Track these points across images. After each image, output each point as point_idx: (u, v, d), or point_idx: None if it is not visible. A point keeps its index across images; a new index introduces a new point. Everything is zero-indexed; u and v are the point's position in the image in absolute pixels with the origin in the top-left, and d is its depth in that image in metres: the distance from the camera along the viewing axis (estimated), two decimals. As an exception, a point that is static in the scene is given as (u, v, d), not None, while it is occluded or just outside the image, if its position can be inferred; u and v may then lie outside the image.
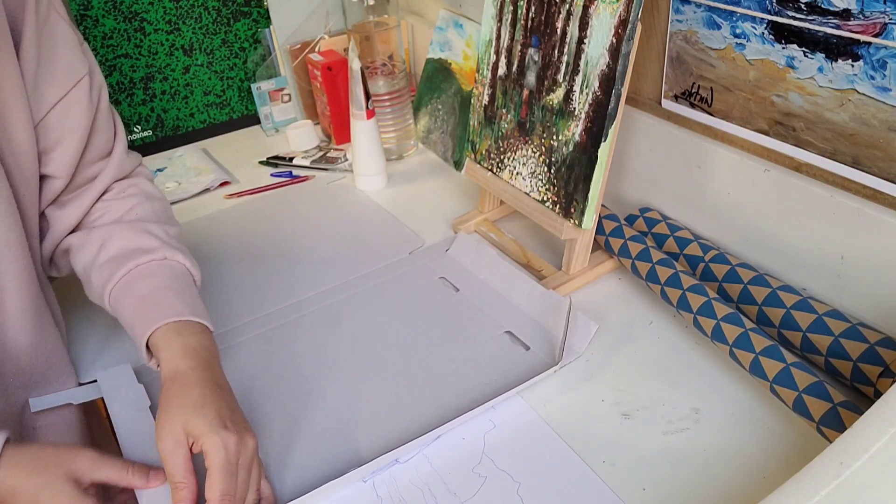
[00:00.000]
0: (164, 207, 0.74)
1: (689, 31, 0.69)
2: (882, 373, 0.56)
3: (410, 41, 1.22)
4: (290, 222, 0.97)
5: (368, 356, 0.71)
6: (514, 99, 0.79)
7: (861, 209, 0.59)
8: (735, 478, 0.55)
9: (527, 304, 0.74)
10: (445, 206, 0.96)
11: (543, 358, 0.69)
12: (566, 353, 0.67)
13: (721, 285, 0.68)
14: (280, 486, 0.59)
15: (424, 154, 1.11)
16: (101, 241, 0.67)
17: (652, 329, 0.71)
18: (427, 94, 1.10)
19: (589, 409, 0.63)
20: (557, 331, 0.70)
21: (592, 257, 0.78)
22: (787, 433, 0.58)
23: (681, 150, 0.75)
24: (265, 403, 0.67)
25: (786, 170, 0.65)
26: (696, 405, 0.62)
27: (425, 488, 0.57)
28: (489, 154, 0.85)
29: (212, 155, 1.19)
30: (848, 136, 0.59)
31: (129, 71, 1.14)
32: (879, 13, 0.53)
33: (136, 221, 0.69)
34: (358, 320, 0.77)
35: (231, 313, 0.79)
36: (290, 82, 1.21)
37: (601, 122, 0.69)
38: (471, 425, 0.62)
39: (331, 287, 0.82)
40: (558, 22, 0.72)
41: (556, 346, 0.69)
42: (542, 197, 0.77)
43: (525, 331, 0.72)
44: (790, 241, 0.67)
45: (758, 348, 0.59)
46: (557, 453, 0.59)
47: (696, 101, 0.72)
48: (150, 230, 0.68)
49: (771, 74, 0.63)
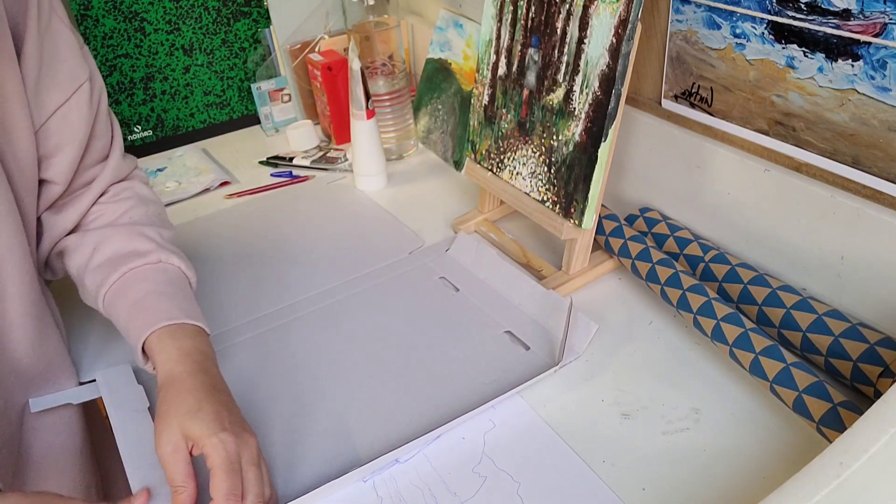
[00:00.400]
0: (158, 210, 0.74)
1: (689, 31, 0.69)
2: (882, 373, 0.56)
3: (410, 41, 1.22)
4: (290, 222, 0.97)
5: (368, 356, 0.71)
6: (514, 99, 0.79)
7: (861, 209, 0.59)
8: (735, 478, 0.55)
9: (527, 303, 0.74)
10: (445, 206, 0.96)
11: (543, 358, 0.69)
12: (566, 354, 0.67)
13: (721, 285, 0.68)
14: (280, 485, 0.59)
15: (424, 154, 1.11)
16: (95, 245, 0.67)
17: (652, 329, 0.71)
18: (427, 94, 1.10)
19: (589, 409, 0.63)
20: (557, 331, 0.70)
21: (592, 257, 0.78)
22: (787, 433, 0.58)
23: (681, 150, 0.75)
24: (265, 403, 0.67)
25: (786, 170, 0.65)
26: (696, 405, 0.62)
27: (425, 488, 0.57)
28: (489, 154, 0.85)
29: (212, 155, 1.19)
30: (848, 136, 0.59)
31: (129, 71, 1.14)
32: (879, 13, 0.53)
33: (131, 224, 0.69)
34: (357, 320, 0.77)
35: (231, 313, 0.79)
36: (290, 82, 1.21)
37: (601, 122, 0.69)
38: (471, 426, 0.62)
39: (330, 287, 0.82)
40: (558, 22, 0.72)
41: (556, 346, 0.69)
42: (542, 197, 0.77)
43: (525, 331, 0.72)
44: (790, 241, 0.67)
45: (758, 348, 0.59)
46: (557, 453, 0.59)
47: (696, 101, 0.72)
48: (145, 233, 0.68)
49: (771, 74, 0.63)
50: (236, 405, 0.59)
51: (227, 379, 0.61)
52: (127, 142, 1.18)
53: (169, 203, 1.04)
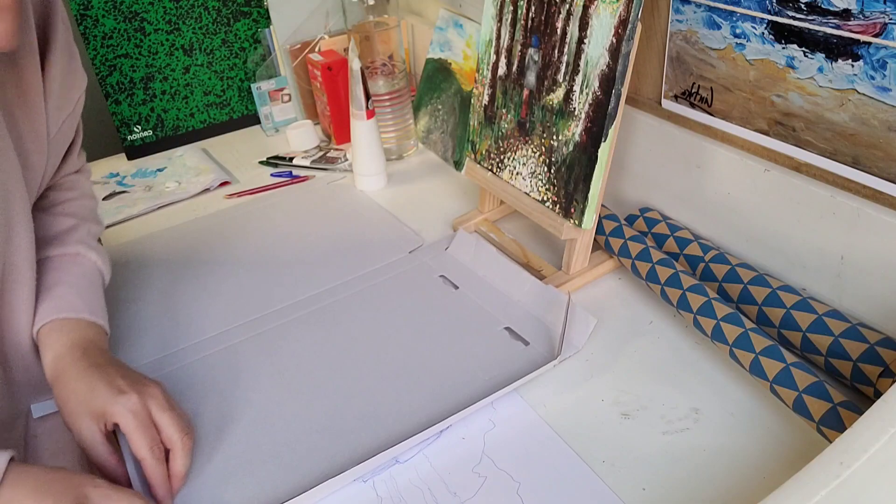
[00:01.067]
0: (92, 206, 0.76)
1: (689, 31, 0.69)
2: (882, 373, 0.56)
3: (410, 41, 1.22)
4: (290, 222, 0.97)
5: (367, 354, 0.71)
6: (514, 99, 0.79)
7: (861, 209, 0.59)
8: (735, 478, 0.55)
9: (526, 299, 0.75)
10: (445, 206, 0.96)
11: (543, 353, 0.69)
12: (565, 348, 0.67)
13: (721, 285, 0.68)
14: (279, 485, 0.59)
15: (424, 154, 1.11)
16: None
17: (652, 329, 0.71)
18: (427, 94, 1.10)
19: (589, 409, 0.63)
20: (556, 326, 0.70)
21: (592, 257, 0.79)
22: (787, 433, 0.58)
23: (681, 150, 0.75)
24: (265, 402, 0.67)
25: (786, 170, 0.65)
26: (695, 405, 0.62)
27: (425, 488, 0.57)
28: (489, 154, 0.85)
29: (212, 155, 1.19)
30: (848, 136, 0.59)
31: (129, 71, 1.14)
32: (879, 13, 0.53)
33: (64, 215, 0.70)
34: (357, 319, 0.77)
35: (231, 313, 0.79)
36: (290, 82, 1.21)
37: (601, 122, 0.69)
38: (471, 426, 0.62)
39: (331, 286, 0.82)
40: (558, 22, 0.72)
41: (556, 340, 0.69)
42: (542, 197, 0.77)
43: (524, 326, 0.72)
44: (790, 241, 0.67)
45: (758, 348, 0.59)
46: (557, 453, 0.59)
47: (696, 101, 0.72)
48: (73, 225, 0.69)
49: (771, 74, 0.63)
50: (127, 367, 0.61)
51: (227, 379, 0.61)
52: (127, 142, 1.18)
53: (169, 203, 1.04)
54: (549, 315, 0.72)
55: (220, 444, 0.63)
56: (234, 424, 0.64)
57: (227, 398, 0.67)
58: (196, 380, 0.70)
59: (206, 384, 0.69)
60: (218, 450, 0.62)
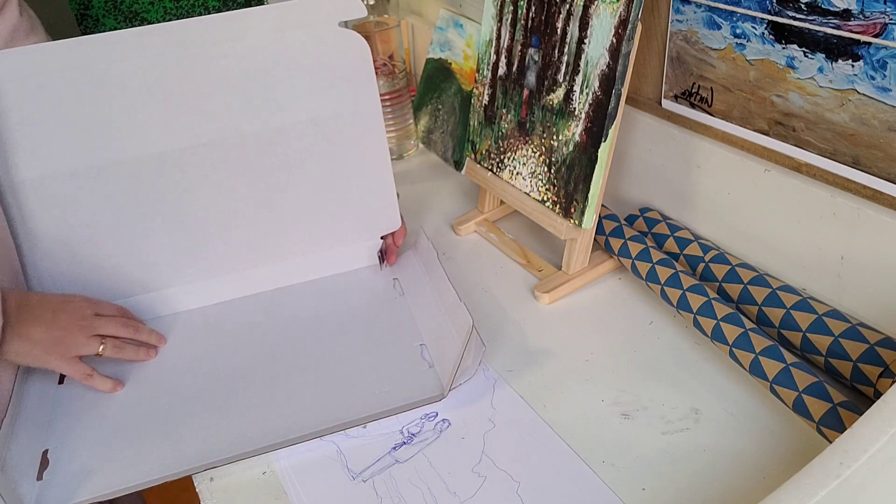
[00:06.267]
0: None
1: (690, 31, 0.69)
2: (882, 373, 0.56)
3: (410, 41, 1.22)
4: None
5: (287, 344, 0.72)
6: (514, 99, 0.79)
7: (861, 209, 0.59)
8: (735, 478, 0.55)
9: (447, 318, 0.70)
10: (445, 206, 0.96)
11: (438, 381, 0.66)
12: (457, 379, 0.63)
13: (721, 285, 0.68)
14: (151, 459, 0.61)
15: (424, 154, 1.11)
16: None
17: (652, 329, 0.71)
18: (427, 94, 1.10)
19: (589, 409, 0.63)
20: (456, 354, 0.64)
21: (592, 257, 0.79)
22: (787, 433, 0.58)
23: (681, 150, 0.75)
24: (171, 370, 0.71)
25: (786, 170, 0.65)
26: (695, 405, 0.62)
27: (425, 488, 0.57)
28: (489, 154, 0.85)
29: (212, 155, 1.18)
30: (848, 136, 0.59)
31: (129, 71, 1.14)
32: (879, 13, 0.53)
33: None
34: (302, 308, 0.77)
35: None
36: (290, 82, 1.21)
37: (601, 122, 0.69)
38: (471, 425, 0.62)
39: (303, 281, 0.82)
40: (558, 22, 0.72)
41: (450, 371, 0.64)
42: (542, 197, 0.77)
43: (436, 347, 0.69)
44: (790, 241, 0.67)
45: (758, 348, 0.59)
46: (557, 453, 0.59)
47: (696, 101, 0.72)
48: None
49: (771, 74, 0.63)
50: (41, 296, 0.67)
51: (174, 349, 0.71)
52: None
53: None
54: (454, 341, 0.67)
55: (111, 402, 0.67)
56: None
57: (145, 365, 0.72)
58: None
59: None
60: (111, 409, 0.67)
